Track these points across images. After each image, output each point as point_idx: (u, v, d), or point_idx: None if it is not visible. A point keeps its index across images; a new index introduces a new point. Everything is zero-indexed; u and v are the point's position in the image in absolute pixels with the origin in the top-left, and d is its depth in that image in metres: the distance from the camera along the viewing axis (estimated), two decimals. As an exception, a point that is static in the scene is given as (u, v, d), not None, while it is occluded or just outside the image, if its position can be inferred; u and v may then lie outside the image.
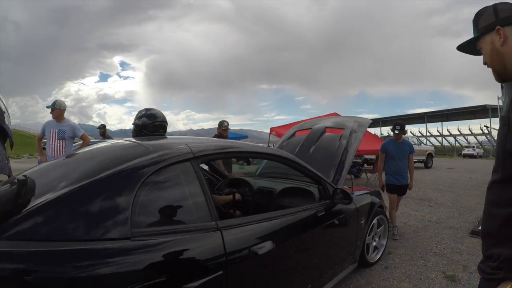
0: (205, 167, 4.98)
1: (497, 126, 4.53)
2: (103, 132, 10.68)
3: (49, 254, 1.33)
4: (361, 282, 3.66)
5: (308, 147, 4.29)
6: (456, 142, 45.47)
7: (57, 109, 5.46)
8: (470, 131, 44.66)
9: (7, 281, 1.23)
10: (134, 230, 1.53)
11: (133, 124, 3.11)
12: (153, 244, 1.56)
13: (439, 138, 48.77)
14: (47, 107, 5.53)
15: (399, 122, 5.51)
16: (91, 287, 1.37)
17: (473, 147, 38.43)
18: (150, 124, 2.99)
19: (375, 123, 50.44)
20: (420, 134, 48.78)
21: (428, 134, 48.96)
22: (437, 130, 48.48)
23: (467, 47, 1.33)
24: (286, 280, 2.47)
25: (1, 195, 1.46)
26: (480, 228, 1.39)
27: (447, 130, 47.22)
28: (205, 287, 1.67)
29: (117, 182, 1.65)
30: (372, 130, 18.91)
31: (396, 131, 5.43)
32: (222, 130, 6.75)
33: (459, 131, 45.55)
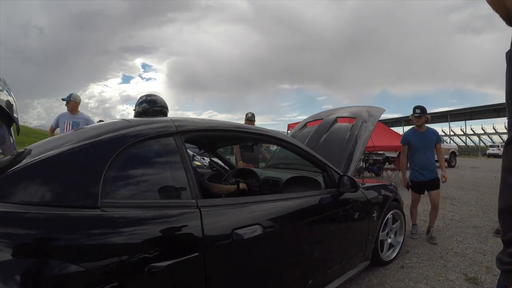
0: (214, 160, 4.92)
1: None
2: None
3: (11, 216, 1.27)
4: (374, 282, 3.38)
5: (318, 138, 4.06)
6: (481, 142, 44.42)
7: (72, 102, 5.61)
8: (495, 129, 43.58)
9: None
10: (104, 200, 1.48)
11: (133, 110, 3.03)
12: (123, 216, 1.49)
13: (463, 138, 47.80)
14: (63, 99, 5.66)
15: (419, 106, 4.77)
16: (49, 252, 1.27)
17: (498, 146, 37.13)
18: (149, 109, 2.91)
19: (398, 122, 49.72)
20: (444, 134, 47.82)
21: (452, 133, 47.99)
22: (461, 129, 47.52)
23: None
24: (279, 271, 2.26)
25: None
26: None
27: (471, 129, 46.22)
28: (177, 268, 1.57)
29: (91, 152, 1.61)
30: (394, 130, 18.57)
31: (416, 114, 4.70)
32: (247, 120, 6.76)
33: (483, 130, 44.52)
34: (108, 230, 1.42)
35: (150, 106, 2.90)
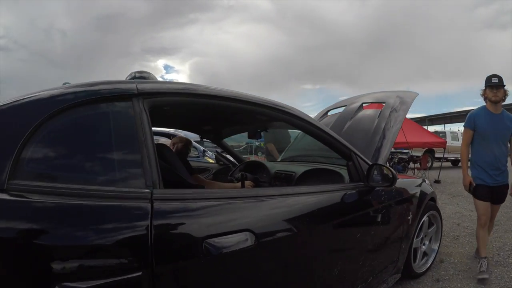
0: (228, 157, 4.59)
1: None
2: None
3: None
4: (405, 298, 2.81)
5: (340, 128, 3.36)
6: (508, 141, 43.19)
7: None
8: (521, 128, 42.31)
9: None
10: (15, 181, 1.06)
11: None
12: (36, 204, 1.06)
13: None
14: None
15: (495, 74, 3.24)
16: None
17: (526, 145, 35.76)
18: None
19: (422, 121, 48.67)
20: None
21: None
22: (487, 128, 46.28)
23: None
24: None
25: None
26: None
27: (498, 128, 45.00)
28: None
29: (4, 117, 1.18)
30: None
31: (494, 82, 3.18)
32: None
33: (511, 129, 43.35)
34: (7, 222, 0.99)
35: None
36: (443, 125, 41.14)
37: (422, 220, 3.03)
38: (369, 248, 2.22)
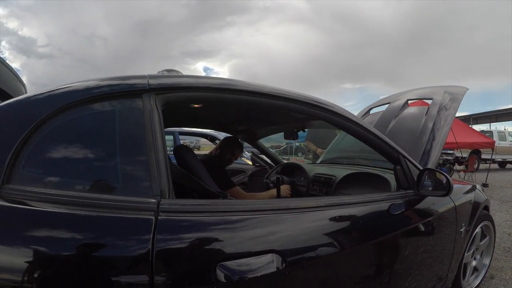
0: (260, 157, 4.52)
1: None
2: None
3: None
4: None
5: (383, 127, 3.02)
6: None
7: None
8: None
9: None
10: (9, 186, 1.00)
11: None
12: (26, 211, 0.98)
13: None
14: None
15: None
16: None
17: None
18: None
19: (466, 120, 46.85)
20: (518, 132, 44.32)
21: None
22: (537, 128, 43.74)
23: None
24: None
25: None
26: None
27: (550, 128, 42.40)
28: None
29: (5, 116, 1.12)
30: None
31: None
32: None
33: None
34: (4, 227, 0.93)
35: None
36: (488, 124, 39.36)
37: (475, 232, 2.69)
38: (416, 266, 1.93)
